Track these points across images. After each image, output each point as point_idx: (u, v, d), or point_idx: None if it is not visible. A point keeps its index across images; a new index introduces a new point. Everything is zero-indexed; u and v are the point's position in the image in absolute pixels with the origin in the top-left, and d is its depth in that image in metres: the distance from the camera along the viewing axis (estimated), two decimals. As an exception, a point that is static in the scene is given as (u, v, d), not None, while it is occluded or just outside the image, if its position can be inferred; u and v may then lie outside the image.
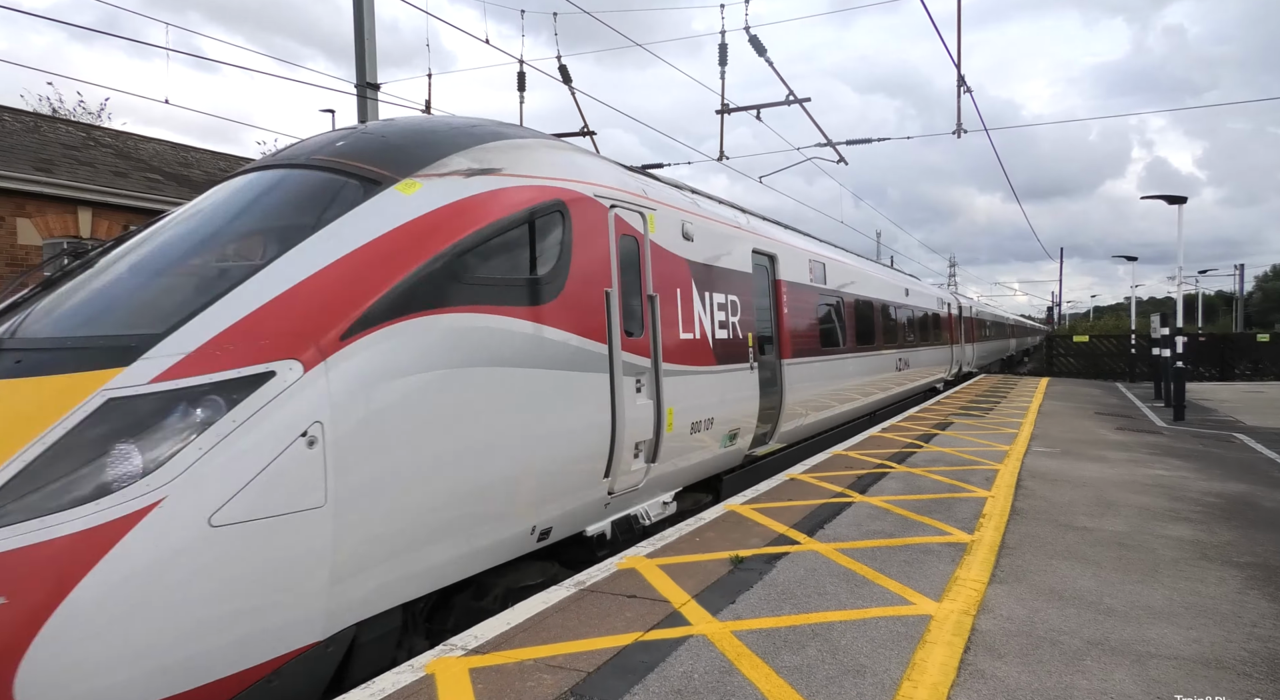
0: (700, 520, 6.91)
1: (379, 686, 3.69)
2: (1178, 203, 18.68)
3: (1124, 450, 11.81)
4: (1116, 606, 4.91)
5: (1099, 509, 7.64)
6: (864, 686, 3.74)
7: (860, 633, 4.38)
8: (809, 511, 7.24)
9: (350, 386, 3.84)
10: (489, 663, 3.96)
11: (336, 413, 3.74)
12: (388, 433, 4.01)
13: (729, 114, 15.19)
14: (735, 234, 8.96)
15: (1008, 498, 7.99)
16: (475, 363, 4.60)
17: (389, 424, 4.02)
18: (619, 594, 4.97)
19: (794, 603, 4.85)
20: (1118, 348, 34.84)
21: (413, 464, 4.18)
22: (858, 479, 8.86)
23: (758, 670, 3.89)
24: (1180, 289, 19.41)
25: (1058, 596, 5.07)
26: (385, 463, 4.00)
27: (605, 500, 6.08)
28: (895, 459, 10.29)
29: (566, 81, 11.89)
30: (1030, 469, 9.77)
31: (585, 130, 12.49)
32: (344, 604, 3.86)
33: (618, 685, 3.72)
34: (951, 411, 16.63)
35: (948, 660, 4.04)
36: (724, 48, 13.78)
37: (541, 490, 5.23)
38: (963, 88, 14.50)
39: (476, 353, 4.62)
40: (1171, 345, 18.12)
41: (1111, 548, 6.26)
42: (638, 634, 4.32)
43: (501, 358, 4.80)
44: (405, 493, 4.13)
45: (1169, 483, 9.17)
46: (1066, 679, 3.87)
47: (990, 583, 5.30)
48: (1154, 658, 4.15)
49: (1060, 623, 4.62)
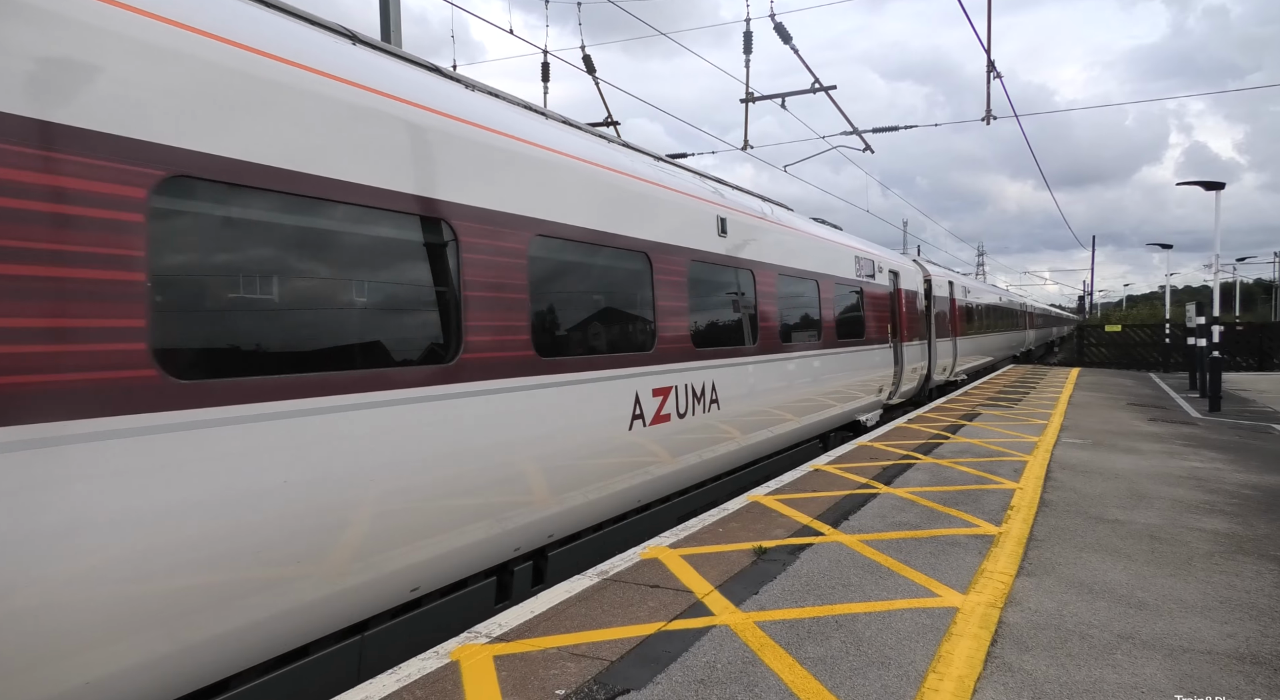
0: (724, 511, 6.90)
1: (405, 672, 3.74)
2: (1215, 189, 18.23)
3: (1157, 441, 11.59)
4: (1148, 600, 4.83)
5: (1131, 501, 7.51)
6: (888, 679, 3.72)
7: (885, 625, 4.35)
8: (833, 503, 7.20)
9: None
10: (513, 650, 3.99)
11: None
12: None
13: (754, 103, 15.05)
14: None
15: (1036, 489, 7.88)
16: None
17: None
18: (642, 584, 4.98)
19: (818, 594, 4.82)
20: (1151, 337, 34.14)
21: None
22: (883, 470, 8.79)
23: (781, 661, 3.88)
24: (1217, 277, 18.93)
25: (1087, 589, 4.99)
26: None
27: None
28: (921, 450, 10.19)
29: (590, 72, 11.84)
30: (1060, 460, 9.63)
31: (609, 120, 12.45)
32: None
33: (641, 674, 3.73)
34: (979, 402, 16.42)
35: (974, 653, 4.00)
36: (749, 36, 13.64)
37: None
38: (992, 73, 14.24)
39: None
40: (1208, 334, 17.72)
41: (1143, 540, 6.15)
42: (661, 623, 4.32)
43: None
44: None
45: (1204, 475, 8.98)
46: (1096, 673, 3.82)
47: (1018, 575, 5.24)
48: (1187, 652, 4.08)
49: (1090, 616, 4.55)
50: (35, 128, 2.76)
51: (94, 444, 2.85)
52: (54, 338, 2.78)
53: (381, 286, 4.21)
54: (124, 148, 3.00)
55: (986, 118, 14.76)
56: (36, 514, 2.71)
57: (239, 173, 3.40)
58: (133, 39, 3.08)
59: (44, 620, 2.75)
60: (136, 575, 2.97)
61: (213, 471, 3.22)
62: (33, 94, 2.77)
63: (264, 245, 3.61)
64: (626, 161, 6.84)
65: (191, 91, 3.25)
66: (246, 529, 3.34)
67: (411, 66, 4.96)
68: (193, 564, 3.16)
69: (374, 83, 4.18)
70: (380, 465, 3.95)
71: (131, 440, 2.96)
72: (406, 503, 4.13)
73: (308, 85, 3.76)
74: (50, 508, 2.74)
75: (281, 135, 3.59)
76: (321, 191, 3.76)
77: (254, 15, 3.78)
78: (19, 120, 2.72)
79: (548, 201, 5.39)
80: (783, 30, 12.64)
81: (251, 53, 3.53)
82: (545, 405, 5.21)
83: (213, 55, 3.35)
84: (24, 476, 2.68)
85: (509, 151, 5.12)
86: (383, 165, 4.10)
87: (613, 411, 6.00)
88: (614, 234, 6.19)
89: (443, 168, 4.51)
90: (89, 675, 2.89)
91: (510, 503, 4.93)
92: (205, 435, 3.20)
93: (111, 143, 2.97)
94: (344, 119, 3.92)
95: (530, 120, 5.77)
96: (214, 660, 3.32)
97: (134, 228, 3.02)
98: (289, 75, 3.67)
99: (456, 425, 4.46)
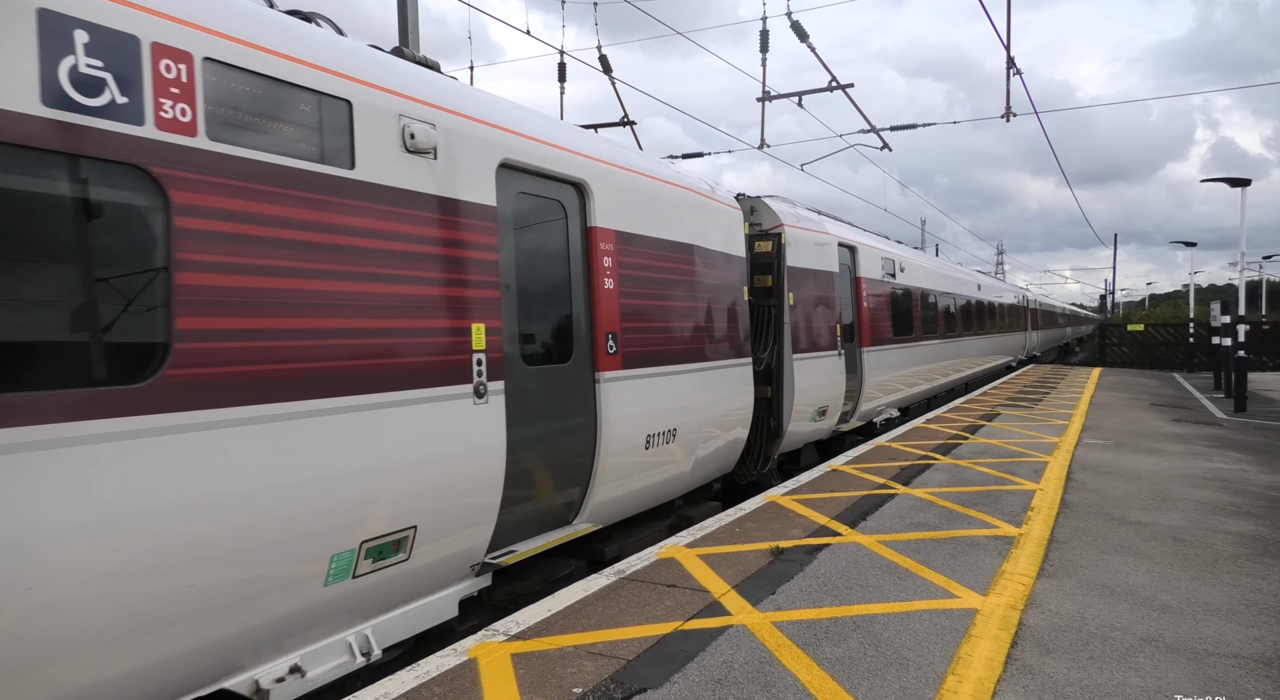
0: (740, 511, 6.88)
1: (424, 669, 3.76)
2: (1240, 185, 17.95)
3: (1181, 442, 11.42)
4: (1172, 603, 4.76)
5: (1154, 503, 7.41)
6: (907, 680, 3.69)
7: (903, 626, 4.32)
8: (851, 503, 7.16)
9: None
10: (530, 648, 4.00)
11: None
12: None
13: (770, 101, 14.99)
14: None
15: (1057, 491, 7.79)
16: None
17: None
18: (659, 583, 4.97)
19: (835, 594, 4.80)
20: (1175, 337, 33.68)
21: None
22: (901, 470, 8.73)
23: (798, 661, 3.86)
24: (1243, 275, 18.65)
25: (1110, 592, 4.93)
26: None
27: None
28: (940, 450, 10.11)
29: (607, 72, 11.85)
30: (1081, 461, 9.52)
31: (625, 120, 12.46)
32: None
33: (658, 673, 3.73)
34: (999, 402, 16.27)
35: (994, 655, 3.96)
36: (765, 34, 13.59)
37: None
38: (1012, 70, 14.10)
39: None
40: (1233, 333, 17.46)
41: (1167, 543, 6.07)
42: (677, 623, 4.32)
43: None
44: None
45: (1229, 476, 8.85)
46: (1119, 676, 3.77)
47: (1039, 577, 5.18)
48: (1212, 656, 4.02)
49: (1112, 618, 4.49)
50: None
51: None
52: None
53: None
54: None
55: (1006, 115, 14.61)
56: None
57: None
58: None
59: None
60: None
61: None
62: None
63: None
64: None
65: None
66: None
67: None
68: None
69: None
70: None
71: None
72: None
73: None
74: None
75: None
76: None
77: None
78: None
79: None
80: (799, 28, 12.59)
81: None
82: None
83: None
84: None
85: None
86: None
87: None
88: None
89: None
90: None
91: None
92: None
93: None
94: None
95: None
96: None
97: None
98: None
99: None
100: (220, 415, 3.27)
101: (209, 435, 3.22)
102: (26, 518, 2.71)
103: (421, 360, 4.20)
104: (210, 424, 3.23)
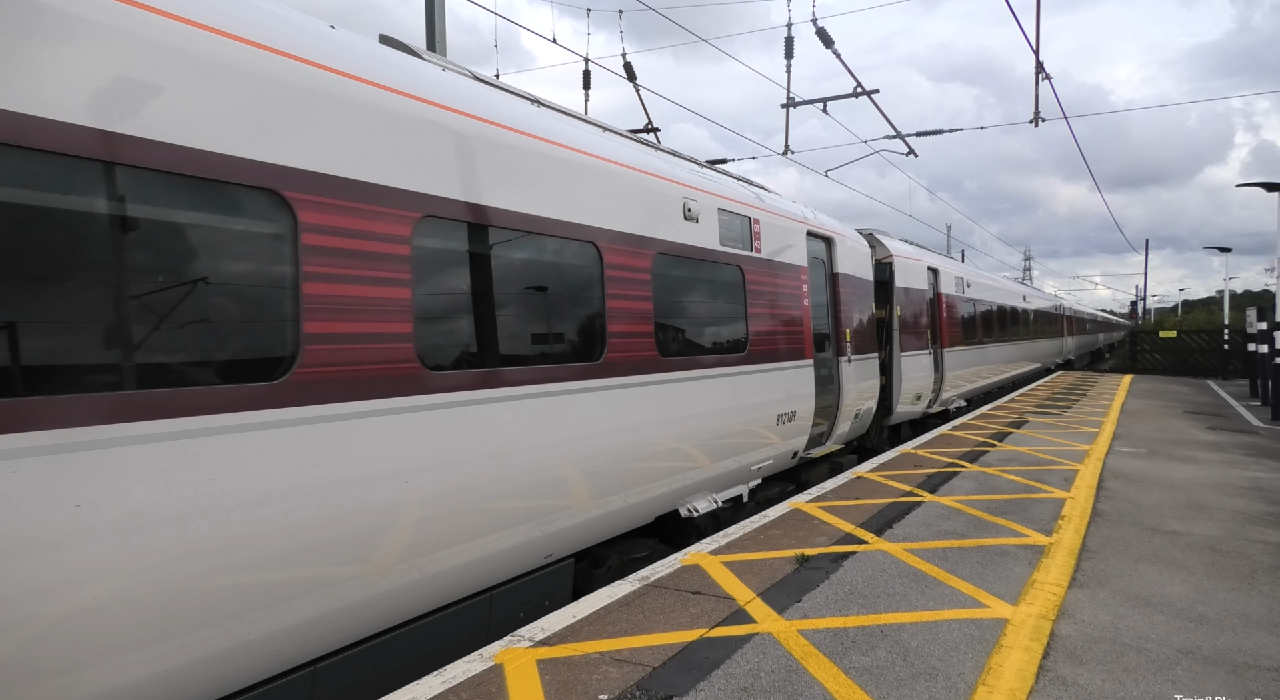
0: (765, 518, 6.85)
1: (450, 675, 3.77)
2: (1277, 190, 17.59)
3: (1216, 451, 11.18)
4: (1209, 614, 4.66)
5: (1189, 512, 7.26)
6: (936, 690, 3.64)
7: (932, 635, 4.26)
8: (877, 510, 7.09)
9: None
10: (555, 655, 4.00)
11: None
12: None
13: (794, 108, 14.96)
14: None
15: (1088, 499, 7.66)
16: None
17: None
18: (683, 590, 4.96)
19: (862, 603, 4.75)
20: (1209, 343, 33.01)
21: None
22: (927, 478, 8.64)
23: (825, 670, 3.83)
24: (1279, 281, 18.26)
25: (1144, 602, 4.84)
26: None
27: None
28: (967, 458, 9.98)
29: (631, 78, 11.91)
30: (1113, 469, 9.35)
31: (649, 127, 12.49)
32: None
33: (684, 681, 3.71)
34: (1026, 409, 16.05)
35: (1025, 665, 3.90)
36: (790, 41, 13.58)
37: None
38: (1041, 74, 13.95)
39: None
40: (1270, 340, 17.09)
41: (1203, 552, 5.94)
42: (703, 630, 4.30)
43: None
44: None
45: (1267, 485, 8.64)
46: (1155, 688, 3.69)
47: (1070, 587, 5.09)
48: (1252, 669, 3.92)
49: (1147, 630, 4.40)
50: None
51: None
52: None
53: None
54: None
55: (1035, 120, 14.46)
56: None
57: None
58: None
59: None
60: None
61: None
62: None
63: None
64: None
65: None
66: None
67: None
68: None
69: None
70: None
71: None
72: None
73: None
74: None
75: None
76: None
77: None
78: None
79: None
80: (825, 34, 12.57)
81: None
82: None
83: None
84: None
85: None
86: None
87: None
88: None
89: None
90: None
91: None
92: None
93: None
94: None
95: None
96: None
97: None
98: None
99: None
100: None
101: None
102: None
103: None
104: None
